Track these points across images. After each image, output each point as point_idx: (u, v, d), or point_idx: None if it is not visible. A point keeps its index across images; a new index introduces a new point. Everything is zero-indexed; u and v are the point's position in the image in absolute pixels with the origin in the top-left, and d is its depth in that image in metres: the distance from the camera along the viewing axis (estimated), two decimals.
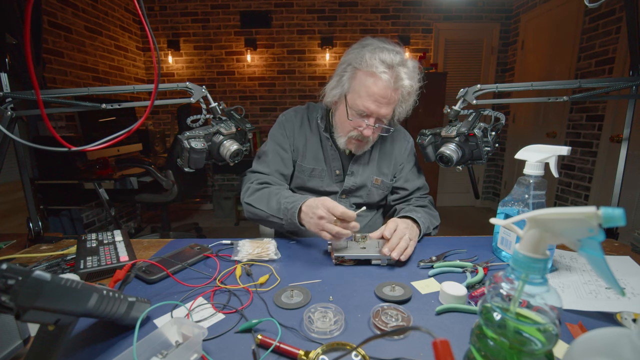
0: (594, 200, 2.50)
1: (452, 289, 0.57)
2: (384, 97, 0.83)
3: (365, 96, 0.84)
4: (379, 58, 0.82)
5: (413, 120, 3.20)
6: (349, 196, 1.02)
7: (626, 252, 0.77)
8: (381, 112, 0.85)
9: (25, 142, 0.72)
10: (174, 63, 3.52)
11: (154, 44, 0.58)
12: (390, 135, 1.03)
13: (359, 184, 1.00)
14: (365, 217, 1.06)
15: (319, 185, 1.00)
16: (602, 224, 0.27)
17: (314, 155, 1.00)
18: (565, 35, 2.70)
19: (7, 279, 0.33)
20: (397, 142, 1.05)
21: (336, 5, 3.40)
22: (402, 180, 1.04)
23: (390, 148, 1.04)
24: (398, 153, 1.05)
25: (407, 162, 1.05)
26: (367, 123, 0.87)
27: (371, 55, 0.83)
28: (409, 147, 1.07)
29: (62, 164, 2.08)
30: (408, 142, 1.07)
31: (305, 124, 1.02)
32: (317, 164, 1.00)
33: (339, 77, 0.90)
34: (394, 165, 1.04)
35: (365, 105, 0.84)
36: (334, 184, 1.01)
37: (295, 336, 0.50)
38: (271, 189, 0.91)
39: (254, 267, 0.73)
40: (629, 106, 0.81)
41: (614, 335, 0.30)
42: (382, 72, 0.80)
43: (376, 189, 1.03)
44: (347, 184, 1.00)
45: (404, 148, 1.05)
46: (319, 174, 1.00)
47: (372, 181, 1.01)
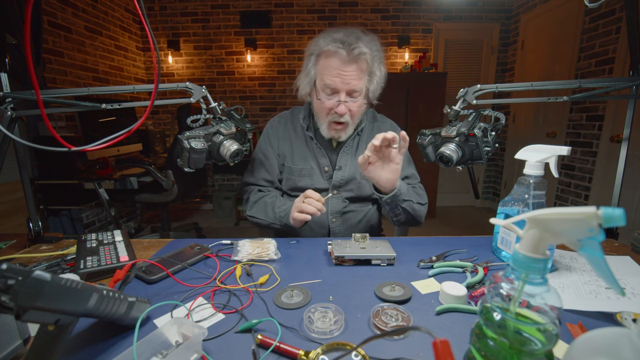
0: (594, 200, 2.50)
1: (452, 289, 0.57)
2: (346, 70, 0.86)
3: (329, 74, 0.88)
4: (332, 38, 0.87)
5: (413, 120, 3.21)
6: (340, 191, 1.03)
7: (626, 252, 0.77)
8: (349, 85, 0.88)
9: (25, 142, 0.72)
10: (174, 63, 3.52)
11: (154, 44, 0.58)
12: (377, 128, 1.06)
13: (348, 178, 1.01)
14: (360, 212, 1.05)
15: (309, 184, 1.02)
16: (602, 224, 0.27)
17: (301, 155, 1.03)
18: (565, 35, 2.70)
19: (7, 279, 0.33)
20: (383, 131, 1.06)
21: (336, 5, 3.40)
22: None
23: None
24: None
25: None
26: (338, 99, 0.89)
27: (325, 38, 0.88)
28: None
29: (62, 164, 2.08)
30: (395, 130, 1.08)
31: (289, 127, 1.06)
32: (305, 163, 1.02)
33: (306, 68, 0.95)
34: None
35: (331, 80, 0.88)
36: (324, 181, 1.02)
37: (295, 336, 0.50)
38: (266, 200, 1.00)
39: (254, 267, 0.73)
40: (629, 106, 0.81)
41: (614, 335, 0.30)
42: (337, 47, 0.85)
43: (366, 181, 1.01)
44: (335, 179, 1.01)
45: None
46: (308, 172, 1.02)
47: (360, 173, 1.00)
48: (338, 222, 1.03)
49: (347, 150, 1.02)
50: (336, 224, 1.03)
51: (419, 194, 1.00)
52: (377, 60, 0.91)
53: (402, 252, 0.78)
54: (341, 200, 1.03)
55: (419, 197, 0.99)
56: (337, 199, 1.03)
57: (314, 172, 1.02)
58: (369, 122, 1.08)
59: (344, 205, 1.03)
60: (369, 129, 1.06)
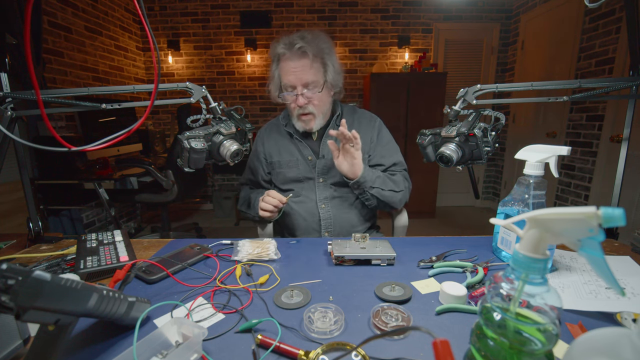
0: (594, 200, 2.50)
1: (452, 289, 0.57)
2: (295, 66, 0.96)
3: (284, 74, 0.99)
4: (282, 42, 0.99)
5: (413, 120, 3.21)
6: (325, 178, 1.09)
7: (626, 252, 0.77)
8: (302, 78, 0.97)
9: (25, 142, 0.72)
10: (174, 63, 3.52)
11: (154, 44, 0.58)
12: (357, 119, 1.13)
13: (330, 165, 1.06)
14: (347, 197, 1.08)
15: (297, 174, 1.10)
16: (602, 224, 0.27)
17: (287, 150, 1.12)
18: (565, 35, 2.70)
19: (7, 279, 0.33)
20: (363, 123, 1.12)
21: (336, 5, 3.40)
22: (378, 157, 1.10)
23: (357, 128, 1.09)
24: (366, 131, 1.10)
25: (379, 139, 1.11)
26: (295, 93, 0.99)
27: (276, 46, 1.00)
28: (376, 125, 1.13)
29: (62, 164, 2.08)
30: (375, 121, 1.14)
31: (274, 129, 1.16)
32: (291, 155, 1.11)
33: (271, 73, 1.06)
34: (363, 142, 1.07)
35: (287, 79, 0.99)
36: (310, 169, 1.09)
37: (295, 336, 0.50)
38: (250, 195, 1.13)
39: (254, 267, 0.73)
40: (629, 106, 0.81)
41: (614, 335, 0.30)
42: (284, 49, 0.97)
43: None
44: (319, 167, 1.08)
45: (371, 127, 1.12)
46: (294, 164, 1.10)
47: None
48: (327, 208, 1.08)
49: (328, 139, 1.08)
50: (325, 210, 1.08)
51: (396, 181, 1.06)
52: (325, 53, 0.98)
53: (402, 252, 0.78)
54: (328, 187, 1.09)
55: (394, 184, 1.05)
56: (324, 185, 1.09)
57: (299, 163, 1.09)
58: (350, 115, 1.14)
59: (331, 191, 1.09)
60: (350, 119, 1.12)
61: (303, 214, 1.08)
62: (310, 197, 1.09)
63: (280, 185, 1.14)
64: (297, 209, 1.09)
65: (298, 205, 1.09)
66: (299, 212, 1.08)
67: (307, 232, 1.09)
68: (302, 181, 1.10)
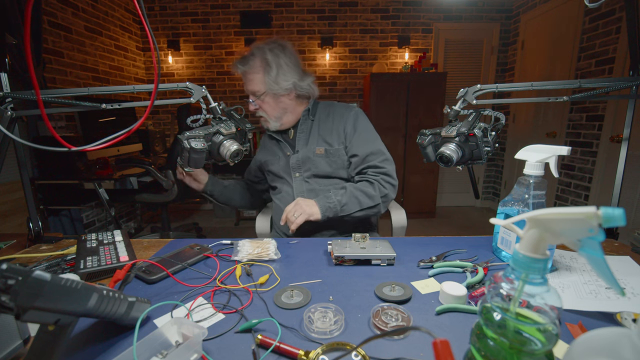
0: (594, 200, 2.50)
1: (452, 289, 0.57)
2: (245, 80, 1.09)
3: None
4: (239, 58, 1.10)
5: (413, 120, 3.21)
6: (300, 172, 1.13)
7: (626, 252, 0.77)
8: (249, 89, 1.09)
9: (25, 142, 0.72)
10: (174, 63, 3.52)
11: (154, 44, 0.58)
12: (332, 112, 1.16)
13: (302, 158, 1.12)
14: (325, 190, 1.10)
15: (279, 169, 1.17)
16: (602, 224, 0.26)
17: (271, 150, 1.21)
18: (565, 35, 2.70)
19: (7, 279, 0.33)
20: (337, 115, 1.15)
21: (336, 5, 3.40)
22: (353, 148, 1.10)
23: (330, 121, 1.14)
24: (339, 124, 1.13)
25: (354, 129, 1.12)
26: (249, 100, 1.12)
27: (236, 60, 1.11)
28: (351, 115, 1.14)
29: (62, 164, 2.08)
30: (350, 111, 1.14)
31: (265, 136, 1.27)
32: (274, 154, 1.19)
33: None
34: (337, 135, 1.12)
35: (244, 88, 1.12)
36: (287, 165, 1.15)
37: (295, 336, 0.50)
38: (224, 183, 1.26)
39: (254, 267, 0.73)
40: (629, 106, 0.81)
41: (614, 335, 0.30)
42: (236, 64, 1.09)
43: (321, 158, 1.11)
44: (292, 161, 1.13)
45: (345, 117, 1.13)
46: (276, 161, 1.18)
47: (314, 152, 1.11)
48: None
49: (302, 135, 1.15)
50: None
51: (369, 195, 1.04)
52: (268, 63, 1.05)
53: (402, 252, 0.78)
54: (303, 181, 1.12)
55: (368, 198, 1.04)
56: (300, 180, 1.13)
57: (280, 160, 1.17)
58: (324, 109, 1.18)
59: (307, 185, 1.12)
60: (324, 113, 1.16)
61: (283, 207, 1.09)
62: (288, 191, 1.14)
63: (271, 183, 1.23)
64: (279, 204, 1.15)
65: (280, 201, 1.16)
66: (281, 207, 1.13)
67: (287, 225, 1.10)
68: (282, 177, 1.16)
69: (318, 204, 0.99)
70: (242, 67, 1.07)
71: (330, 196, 1.02)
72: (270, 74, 1.05)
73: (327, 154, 1.11)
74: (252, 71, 1.06)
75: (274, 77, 1.05)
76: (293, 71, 1.08)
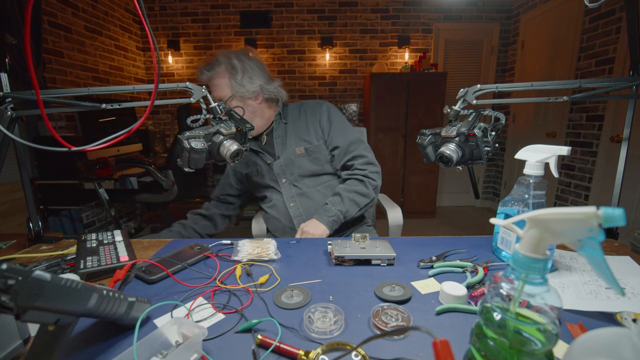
0: (594, 200, 2.50)
1: (452, 289, 0.57)
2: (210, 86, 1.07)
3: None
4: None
5: (413, 120, 3.21)
6: (286, 177, 1.12)
7: (626, 252, 0.77)
8: (215, 96, 1.07)
9: (25, 142, 0.72)
10: (174, 63, 3.52)
11: (154, 44, 0.58)
12: (303, 110, 1.16)
13: (284, 163, 1.11)
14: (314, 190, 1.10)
15: (262, 180, 1.15)
16: (602, 224, 0.26)
17: (251, 162, 1.18)
18: (565, 35, 2.70)
19: (7, 279, 0.33)
20: (309, 112, 1.15)
21: (336, 5, 3.40)
22: (333, 140, 1.11)
23: (304, 120, 1.14)
24: (313, 120, 1.13)
25: (329, 122, 1.13)
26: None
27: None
28: (323, 109, 1.15)
29: (62, 164, 2.08)
30: (321, 106, 1.15)
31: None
32: (255, 166, 1.17)
33: None
34: (314, 131, 1.12)
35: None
36: (272, 173, 1.13)
37: (295, 336, 0.50)
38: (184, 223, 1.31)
39: (254, 267, 0.73)
40: (629, 106, 0.81)
41: (614, 335, 0.30)
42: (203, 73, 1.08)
43: (303, 157, 1.11)
44: (276, 168, 1.12)
45: (317, 114, 1.14)
46: (258, 171, 1.16)
47: (294, 153, 1.11)
48: (296, 206, 1.11)
49: (278, 140, 1.13)
50: (295, 208, 1.11)
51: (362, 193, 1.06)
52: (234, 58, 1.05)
53: (402, 252, 0.78)
54: (292, 185, 1.12)
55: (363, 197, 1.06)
56: (288, 185, 1.12)
57: (262, 169, 1.15)
58: (295, 110, 1.18)
59: (296, 189, 1.12)
60: (296, 114, 1.16)
61: (277, 216, 1.13)
62: (278, 199, 1.13)
63: (257, 194, 1.21)
64: (271, 212, 1.14)
65: (271, 209, 1.14)
66: (273, 215, 1.13)
67: (284, 232, 1.12)
68: (270, 186, 1.15)
69: (322, 222, 1.00)
70: (207, 72, 1.06)
71: (330, 209, 1.02)
72: (237, 77, 1.05)
73: (308, 152, 1.11)
74: (218, 76, 1.05)
75: (239, 80, 1.05)
76: (259, 74, 1.08)
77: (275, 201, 1.14)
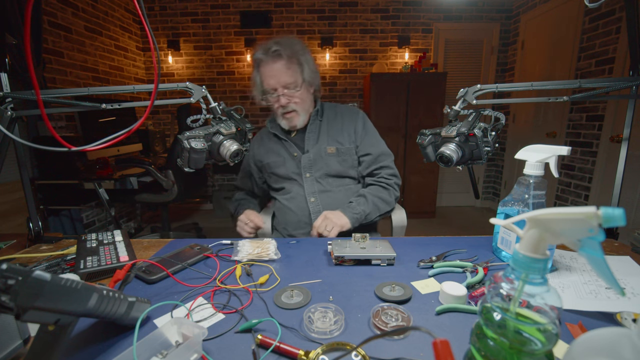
0: (594, 200, 2.50)
1: (452, 289, 0.57)
2: (272, 69, 1.03)
3: (265, 78, 1.06)
4: (260, 48, 1.06)
5: (413, 120, 3.21)
6: (311, 172, 1.12)
7: (626, 252, 0.77)
8: (281, 81, 1.04)
9: (25, 142, 0.72)
10: (174, 63, 3.52)
11: (154, 44, 0.58)
12: (340, 113, 1.18)
13: (314, 158, 1.12)
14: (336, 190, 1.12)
15: (285, 172, 1.14)
16: (602, 224, 0.26)
17: (274, 151, 1.18)
18: (565, 35, 2.70)
19: (7, 279, 0.33)
20: (346, 116, 1.17)
21: (336, 5, 3.40)
22: (367, 146, 1.14)
23: (340, 122, 1.16)
24: (349, 124, 1.15)
25: (364, 130, 1.15)
26: (277, 94, 1.06)
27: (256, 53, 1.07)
28: (360, 117, 1.17)
29: (62, 164, 2.07)
30: (358, 114, 1.18)
31: (263, 134, 1.24)
32: (277, 156, 1.16)
33: (253, 79, 1.12)
34: (348, 134, 1.14)
35: (267, 83, 1.05)
36: (296, 166, 1.13)
37: (295, 336, 0.50)
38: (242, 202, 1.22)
39: (254, 267, 0.73)
40: (629, 106, 0.81)
41: (614, 335, 0.30)
42: (262, 55, 1.04)
43: (333, 157, 1.12)
44: (304, 162, 1.12)
45: (354, 119, 1.16)
46: (281, 162, 1.15)
47: (325, 151, 1.12)
48: (316, 202, 1.11)
49: (311, 135, 1.14)
50: (314, 204, 1.11)
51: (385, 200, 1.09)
52: (300, 54, 1.04)
53: (402, 252, 0.78)
54: (315, 181, 1.12)
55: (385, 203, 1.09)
56: (311, 180, 1.12)
57: (286, 161, 1.14)
58: (331, 110, 1.19)
59: (319, 185, 1.12)
60: (332, 114, 1.18)
61: (294, 209, 1.12)
62: (299, 192, 1.13)
63: (273, 185, 1.20)
64: (288, 204, 1.14)
65: (289, 202, 1.14)
66: (290, 208, 1.13)
67: (298, 226, 1.11)
68: (291, 178, 1.14)
69: (347, 215, 1.00)
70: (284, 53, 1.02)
71: (354, 207, 1.03)
72: (308, 65, 1.06)
73: (339, 153, 1.12)
74: (291, 62, 1.04)
75: (308, 70, 1.07)
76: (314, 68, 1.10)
77: (295, 194, 1.13)
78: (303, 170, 1.13)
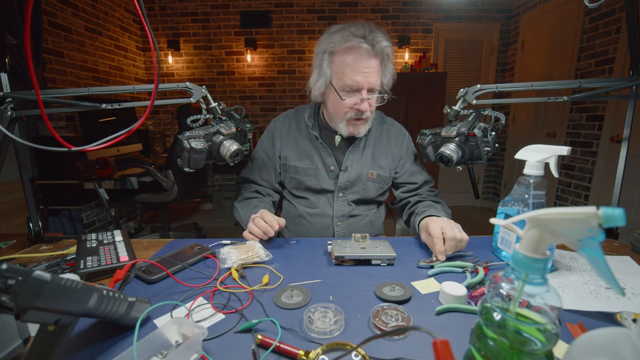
0: (594, 200, 2.50)
1: (452, 289, 0.57)
2: (366, 66, 0.84)
3: (350, 72, 0.85)
4: (351, 32, 0.83)
5: (413, 120, 3.21)
6: (345, 193, 1.01)
7: (626, 252, 0.77)
8: (371, 81, 0.86)
9: (25, 142, 0.72)
10: (174, 63, 3.52)
11: (154, 44, 0.58)
12: (386, 130, 1.05)
13: (353, 179, 0.99)
14: (364, 215, 1.05)
15: (315, 184, 1.00)
16: (602, 224, 0.27)
17: (307, 154, 1.01)
18: (565, 35, 2.70)
19: (7, 279, 0.33)
20: (392, 136, 1.05)
21: (336, 5, 3.40)
22: (408, 175, 1.05)
23: (386, 142, 1.04)
24: (395, 147, 1.04)
25: (408, 156, 1.06)
26: (361, 97, 0.87)
27: (342, 34, 0.84)
28: (405, 140, 1.07)
29: (62, 164, 2.07)
30: (404, 136, 1.08)
31: (294, 127, 1.03)
32: (311, 162, 1.00)
33: (319, 68, 0.90)
34: (392, 159, 1.03)
35: (354, 79, 0.85)
36: (330, 181, 1.00)
37: (295, 336, 0.50)
38: (253, 201, 0.99)
39: (254, 268, 0.73)
40: (629, 106, 0.81)
41: (614, 335, 0.30)
42: (359, 42, 0.82)
43: (372, 182, 1.01)
44: (341, 180, 0.99)
45: (400, 142, 1.05)
46: (313, 172, 1.00)
47: (367, 175, 1.00)
48: (343, 226, 1.02)
49: (354, 150, 1.00)
50: (340, 228, 1.02)
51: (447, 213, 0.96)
52: (391, 54, 0.89)
53: (402, 252, 0.78)
54: (347, 204, 1.01)
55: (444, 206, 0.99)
56: (343, 201, 1.01)
57: (319, 172, 0.99)
58: (378, 124, 1.06)
59: (349, 208, 1.02)
60: (378, 130, 1.04)
61: (316, 227, 1.02)
62: (326, 211, 1.01)
63: (293, 191, 1.05)
64: (312, 220, 1.02)
65: (313, 218, 1.02)
66: (313, 225, 1.02)
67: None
68: (319, 192, 1.01)
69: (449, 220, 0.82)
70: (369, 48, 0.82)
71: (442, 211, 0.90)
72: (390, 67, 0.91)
73: (379, 179, 1.02)
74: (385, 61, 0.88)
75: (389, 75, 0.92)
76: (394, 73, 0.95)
77: (321, 211, 1.01)
78: (337, 189, 1.00)
